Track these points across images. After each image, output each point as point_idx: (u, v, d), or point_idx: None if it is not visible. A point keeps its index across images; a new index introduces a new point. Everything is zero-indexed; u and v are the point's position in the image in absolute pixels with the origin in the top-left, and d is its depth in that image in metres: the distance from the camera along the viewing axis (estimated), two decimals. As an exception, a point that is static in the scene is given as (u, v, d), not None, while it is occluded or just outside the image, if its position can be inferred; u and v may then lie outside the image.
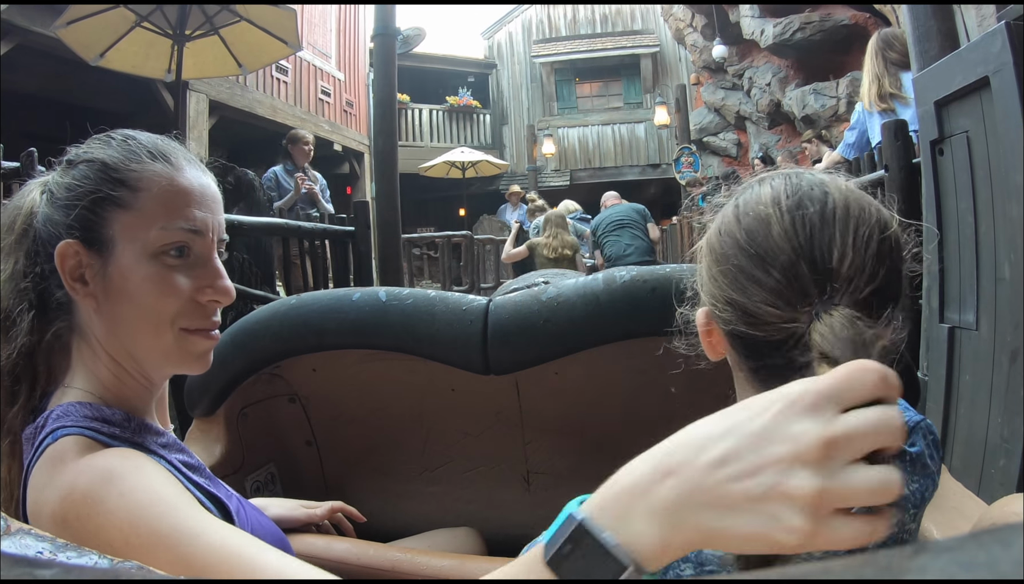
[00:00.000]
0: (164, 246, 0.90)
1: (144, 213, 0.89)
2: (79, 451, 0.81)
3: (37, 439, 0.85)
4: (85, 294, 0.90)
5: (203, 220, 0.93)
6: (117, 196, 0.89)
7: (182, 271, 0.92)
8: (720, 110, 13.68)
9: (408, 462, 1.79)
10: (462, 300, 1.48)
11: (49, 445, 0.82)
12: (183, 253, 0.92)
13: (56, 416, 0.86)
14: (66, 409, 0.87)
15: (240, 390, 1.57)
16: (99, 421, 0.87)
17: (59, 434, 0.83)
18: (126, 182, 0.90)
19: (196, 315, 0.93)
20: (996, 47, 1.83)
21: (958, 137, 2.09)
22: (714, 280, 0.79)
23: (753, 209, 0.77)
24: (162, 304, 0.90)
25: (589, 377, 1.55)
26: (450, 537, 1.56)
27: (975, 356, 2.02)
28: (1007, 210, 1.84)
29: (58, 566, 0.24)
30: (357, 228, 5.10)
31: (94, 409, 0.88)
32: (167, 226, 0.90)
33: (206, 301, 0.94)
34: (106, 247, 0.89)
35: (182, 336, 0.93)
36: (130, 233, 0.89)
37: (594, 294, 1.38)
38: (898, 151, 2.87)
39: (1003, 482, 1.82)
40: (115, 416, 0.90)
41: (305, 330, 1.49)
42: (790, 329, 0.72)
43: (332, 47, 13.79)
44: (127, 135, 0.97)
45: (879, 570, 0.18)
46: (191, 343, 0.94)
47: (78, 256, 0.89)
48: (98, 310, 0.91)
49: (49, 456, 0.82)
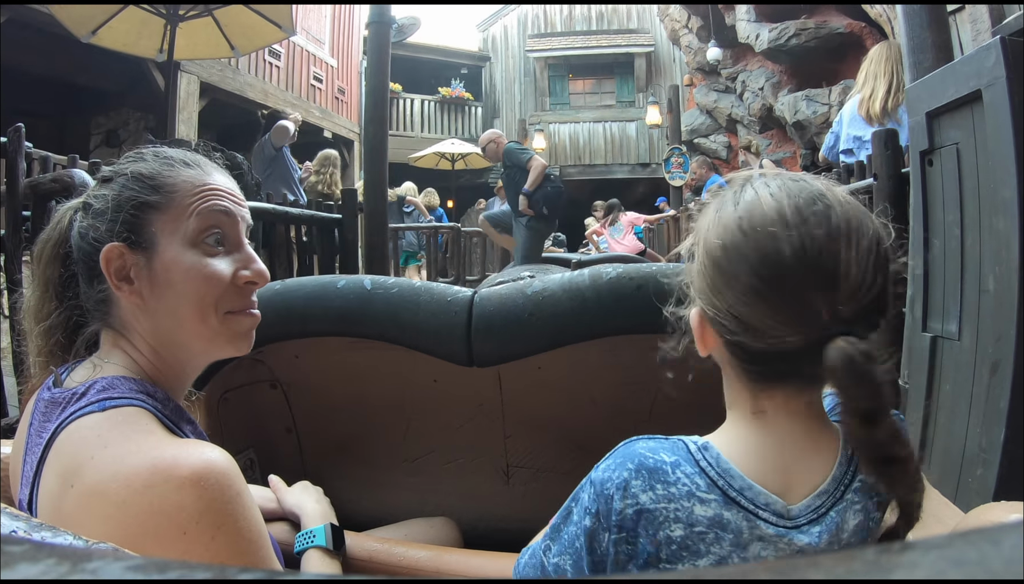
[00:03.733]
0: (201, 232, 0.96)
1: (180, 208, 0.96)
2: (157, 431, 0.85)
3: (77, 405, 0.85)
4: (130, 292, 0.94)
5: (232, 206, 1.02)
6: (155, 200, 0.96)
7: (220, 257, 0.98)
8: (712, 112, 13.70)
9: (388, 452, 1.79)
10: (447, 291, 1.47)
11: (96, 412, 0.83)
12: (219, 241, 0.98)
13: (103, 386, 0.87)
14: (112, 381, 0.88)
15: (221, 375, 1.56)
16: (148, 396, 0.89)
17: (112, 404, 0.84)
18: (162, 187, 0.96)
19: (236, 297, 1.00)
20: (990, 61, 1.84)
21: (948, 149, 2.10)
22: (717, 292, 0.79)
23: (760, 224, 0.77)
24: (206, 289, 0.95)
25: (572, 372, 1.55)
26: (427, 527, 1.56)
27: (956, 366, 2.03)
28: (993, 223, 1.86)
29: (31, 544, 0.24)
30: (344, 216, 5.08)
31: (140, 384, 0.91)
32: (200, 211, 0.96)
33: (243, 283, 1.00)
34: (149, 245, 0.95)
35: (227, 319, 0.98)
36: (170, 228, 0.95)
37: (579, 290, 1.38)
38: (887, 160, 2.88)
39: (980, 491, 1.84)
40: (157, 394, 0.93)
41: (289, 316, 1.49)
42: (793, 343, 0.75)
43: (326, 33, 13.74)
44: (158, 150, 1.03)
45: (868, 566, 0.18)
46: (235, 323, 1.00)
47: (123, 257, 0.93)
48: (143, 306, 0.95)
49: (112, 420, 0.82)
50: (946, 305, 2.10)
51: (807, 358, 0.74)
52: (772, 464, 0.83)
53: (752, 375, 0.83)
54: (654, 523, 0.79)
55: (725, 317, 0.79)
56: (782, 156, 11.42)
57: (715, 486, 0.80)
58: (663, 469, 0.81)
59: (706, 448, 0.83)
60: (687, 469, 0.81)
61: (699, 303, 0.83)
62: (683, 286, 0.89)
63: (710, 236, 0.82)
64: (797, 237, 0.74)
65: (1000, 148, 1.82)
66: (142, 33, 6.32)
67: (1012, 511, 0.82)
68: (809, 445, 0.84)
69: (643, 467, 0.81)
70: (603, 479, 0.83)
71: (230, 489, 0.78)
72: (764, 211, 0.78)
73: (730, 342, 0.81)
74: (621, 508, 0.80)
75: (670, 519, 0.79)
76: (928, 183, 2.23)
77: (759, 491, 0.80)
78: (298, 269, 4.76)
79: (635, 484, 0.80)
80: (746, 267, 0.77)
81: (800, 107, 9.87)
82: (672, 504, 0.79)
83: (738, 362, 0.83)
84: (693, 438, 0.85)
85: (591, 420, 1.63)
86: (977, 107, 1.93)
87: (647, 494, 0.79)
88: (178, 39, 6.05)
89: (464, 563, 1.24)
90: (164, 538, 0.74)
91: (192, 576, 0.21)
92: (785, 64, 10.67)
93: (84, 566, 0.21)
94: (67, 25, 5.97)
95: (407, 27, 14.32)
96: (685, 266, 0.88)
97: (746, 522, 0.79)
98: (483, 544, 1.41)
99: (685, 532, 0.78)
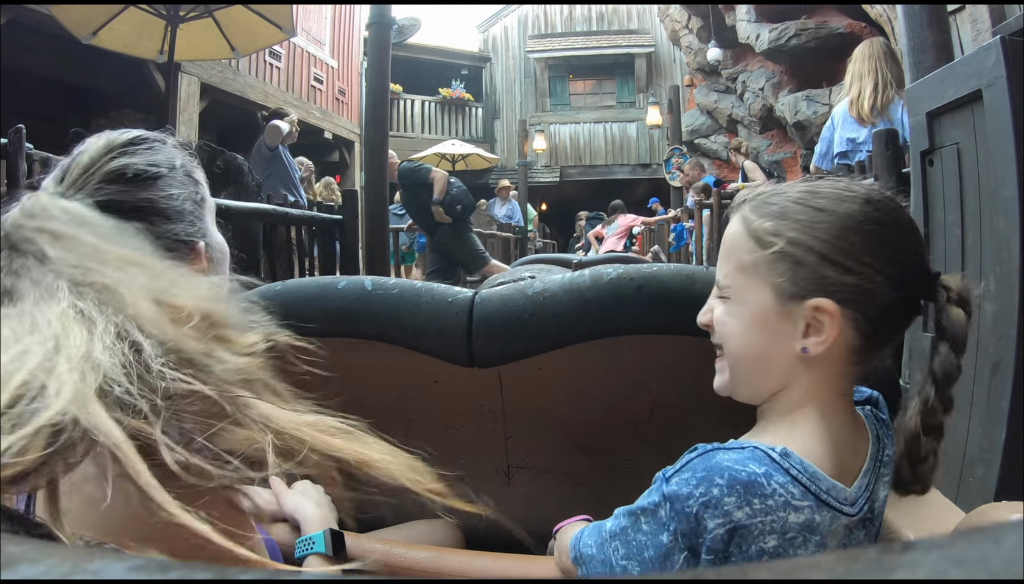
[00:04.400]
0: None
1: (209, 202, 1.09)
2: None
3: None
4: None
5: None
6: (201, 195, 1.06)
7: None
8: (712, 113, 13.71)
9: (389, 452, 1.78)
10: (448, 292, 1.47)
11: None
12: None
13: None
14: None
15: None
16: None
17: None
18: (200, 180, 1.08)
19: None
20: (990, 61, 1.84)
21: (948, 149, 2.10)
22: (863, 261, 0.83)
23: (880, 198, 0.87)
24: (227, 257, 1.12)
25: (573, 373, 1.55)
26: (428, 528, 1.56)
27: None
28: (994, 223, 1.86)
29: (32, 544, 0.24)
30: (345, 217, 5.09)
31: None
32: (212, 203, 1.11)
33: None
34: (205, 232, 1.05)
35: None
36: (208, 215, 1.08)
37: (580, 290, 1.38)
38: (888, 160, 2.88)
39: (981, 492, 1.84)
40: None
41: (288, 317, 1.48)
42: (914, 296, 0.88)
43: (326, 34, 13.74)
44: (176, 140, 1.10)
45: (869, 565, 0.18)
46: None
47: (197, 250, 1.03)
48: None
49: None
50: (947, 305, 2.10)
51: (911, 313, 0.89)
52: (839, 453, 0.85)
53: (861, 352, 0.87)
54: (748, 538, 0.77)
55: (868, 291, 0.83)
56: (783, 156, 11.44)
57: (808, 492, 0.79)
58: (758, 482, 0.78)
59: (787, 454, 0.81)
60: (780, 478, 0.79)
61: (826, 292, 0.83)
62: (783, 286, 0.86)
63: (831, 222, 0.84)
64: (899, 206, 0.87)
65: (1000, 148, 1.82)
66: (142, 34, 6.32)
67: (1013, 511, 0.82)
68: (853, 427, 0.90)
69: (736, 482, 0.78)
70: (683, 495, 0.79)
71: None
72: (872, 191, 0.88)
73: (863, 319, 0.84)
74: (711, 528, 0.77)
75: (765, 532, 0.77)
76: (928, 183, 2.23)
77: (840, 488, 0.82)
78: (298, 270, 4.76)
79: (729, 501, 0.77)
80: (883, 235, 0.83)
81: (800, 107, 9.89)
82: (768, 517, 0.77)
83: (860, 341, 0.86)
84: (764, 444, 0.83)
85: (592, 421, 1.62)
86: (977, 107, 1.93)
87: (743, 510, 0.77)
88: (178, 40, 6.06)
89: (466, 564, 1.24)
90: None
91: (193, 576, 0.21)
92: (785, 64, 10.68)
93: (85, 566, 0.21)
94: (67, 26, 5.97)
95: (407, 28, 14.33)
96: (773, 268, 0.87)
97: (831, 520, 0.81)
98: (484, 545, 1.41)
99: (778, 542, 0.77)
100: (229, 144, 4.84)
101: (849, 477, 0.85)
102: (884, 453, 0.91)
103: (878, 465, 0.90)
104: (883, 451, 0.91)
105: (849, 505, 0.82)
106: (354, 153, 14.23)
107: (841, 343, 0.85)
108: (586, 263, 3.64)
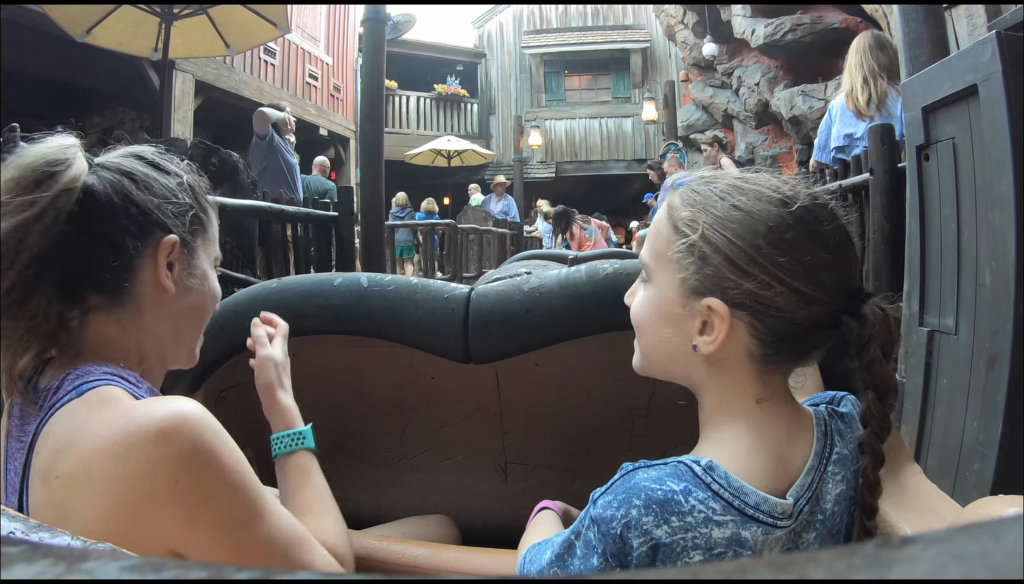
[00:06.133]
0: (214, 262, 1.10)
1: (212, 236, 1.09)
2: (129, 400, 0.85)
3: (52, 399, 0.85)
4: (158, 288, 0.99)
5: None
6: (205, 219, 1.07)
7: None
8: (708, 108, 13.71)
9: (386, 450, 1.79)
10: (444, 288, 1.47)
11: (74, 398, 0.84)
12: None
13: (76, 376, 0.87)
14: (85, 370, 0.88)
15: (219, 373, 1.56)
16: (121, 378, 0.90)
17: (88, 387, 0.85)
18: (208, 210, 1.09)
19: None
20: (986, 56, 1.84)
21: (944, 143, 2.10)
22: (765, 268, 0.80)
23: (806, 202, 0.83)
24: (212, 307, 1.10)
25: (569, 369, 1.55)
26: (424, 525, 1.56)
27: (953, 360, 2.04)
28: (990, 217, 1.86)
29: (28, 544, 0.24)
30: (340, 214, 5.08)
31: (112, 369, 0.91)
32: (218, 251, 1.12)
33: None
34: (193, 252, 1.04)
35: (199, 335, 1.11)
36: (206, 247, 1.07)
37: (576, 286, 1.38)
38: (884, 155, 2.89)
39: (977, 485, 1.84)
40: (131, 377, 0.93)
41: (285, 314, 1.48)
42: (820, 314, 0.82)
43: (321, 31, 13.72)
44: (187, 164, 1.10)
45: (867, 560, 0.18)
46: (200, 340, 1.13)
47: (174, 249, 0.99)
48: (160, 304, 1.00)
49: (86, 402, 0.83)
50: (943, 299, 2.11)
51: (824, 330, 0.83)
52: (773, 456, 0.84)
53: (766, 361, 0.84)
54: (672, 555, 0.77)
55: (765, 300, 0.80)
56: (778, 151, 11.45)
57: (731, 507, 0.79)
58: (675, 499, 0.77)
59: (712, 468, 0.80)
60: (699, 494, 0.78)
61: (722, 294, 0.82)
62: (689, 281, 0.85)
63: (742, 222, 0.82)
64: (833, 216, 0.83)
65: (996, 143, 1.82)
66: (137, 32, 6.31)
67: (1010, 505, 0.82)
68: (794, 424, 0.89)
69: (652, 501, 0.77)
70: (607, 517, 0.79)
71: (207, 428, 0.81)
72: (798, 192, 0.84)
73: (761, 328, 0.82)
74: (635, 546, 0.77)
75: (688, 548, 0.77)
76: (924, 178, 2.23)
77: (774, 503, 0.81)
78: (295, 267, 4.75)
79: (647, 521, 0.77)
80: (794, 245, 0.80)
81: (796, 102, 9.89)
82: (690, 533, 0.77)
83: (759, 349, 0.83)
84: (692, 457, 0.82)
85: (589, 416, 1.63)
86: (973, 102, 1.93)
87: (661, 529, 0.77)
88: (173, 38, 6.05)
89: (463, 560, 1.24)
90: (159, 494, 0.77)
91: (188, 576, 0.21)
92: (781, 59, 10.68)
93: (80, 566, 0.21)
94: (62, 24, 5.95)
95: (402, 24, 14.30)
96: (682, 260, 0.85)
97: (763, 534, 0.80)
98: (481, 541, 1.41)
99: (704, 557, 0.77)
100: (224, 141, 4.83)
101: (787, 480, 0.84)
102: (834, 451, 0.89)
103: (823, 462, 0.88)
104: (831, 449, 0.89)
105: (784, 517, 0.81)
106: (349, 150, 14.22)
107: (739, 348, 0.84)
108: (582, 259, 3.64)
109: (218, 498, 0.81)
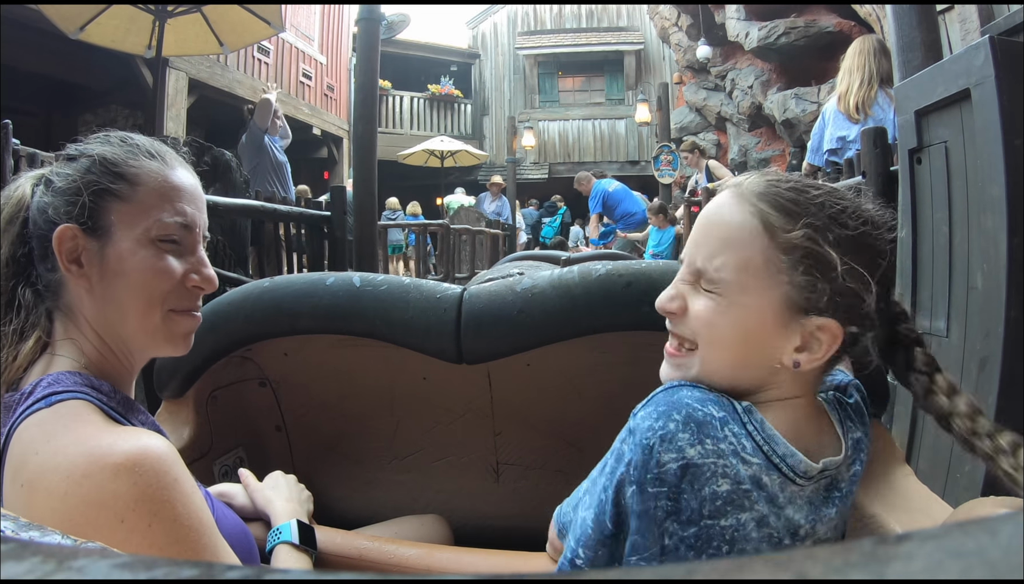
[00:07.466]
0: (159, 236, 0.98)
1: (142, 205, 0.97)
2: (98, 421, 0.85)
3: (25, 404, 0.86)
4: (79, 275, 0.95)
5: (192, 216, 1.02)
6: (117, 189, 0.97)
7: (174, 255, 0.99)
8: (701, 110, 13.72)
9: (378, 450, 1.79)
10: (436, 288, 1.47)
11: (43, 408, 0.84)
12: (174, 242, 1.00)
13: (48, 383, 0.88)
14: (57, 377, 0.89)
15: (210, 372, 1.55)
16: (92, 389, 0.90)
17: (57, 399, 0.85)
18: (125, 176, 0.98)
19: (183, 297, 1.01)
20: (979, 60, 1.85)
21: (936, 147, 2.11)
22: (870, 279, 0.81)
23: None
24: (156, 283, 0.97)
25: (561, 369, 1.55)
26: (417, 525, 1.56)
27: (945, 363, 2.03)
28: (982, 221, 1.86)
29: (17, 542, 0.24)
30: (333, 213, 5.07)
31: (84, 378, 0.92)
32: (162, 219, 0.98)
33: (191, 286, 1.02)
34: (105, 233, 0.96)
35: (169, 316, 1.00)
36: (128, 221, 0.97)
37: (568, 287, 1.38)
38: (876, 158, 2.89)
39: (968, 487, 1.85)
40: (103, 387, 0.94)
41: (277, 314, 1.48)
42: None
43: (315, 30, 13.70)
44: (125, 136, 1.05)
45: (865, 556, 0.18)
46: (176, 323, 1.01)
47: (75, 239, 0.94)
48: (91, 291, 0.96)
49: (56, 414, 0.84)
50: (935, 302, 2.11)
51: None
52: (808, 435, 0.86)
53: (833, 363, 0.88)
54: (701, 478, 0.76)
55: (874, 317, 0.84)
56: (771, 154, 11.46)
57: (760, 450, 0.79)
58: (712, 423, 0.77)
59: (750, 410, 0.81)
60: (734, 428, 0.78)
61: (834, 313, 0.81)
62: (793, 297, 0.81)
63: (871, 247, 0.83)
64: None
65: (988, 146, 1.83)
66: (131, 29, 6.29)
67: (1001, 506, 0.82)
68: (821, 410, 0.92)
69: (691, 419, 0.77)
70: (644, 427, 0.78)
71: (166, 475, 0.80)
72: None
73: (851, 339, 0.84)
74: (664, 461, 0.76)
75: (717, 474, 0.76)
76: (916, 181, 2.23)
77: (799, 459, 0.81)
78: (287, 266, 4.74)
79: (682, 437, 0.76)
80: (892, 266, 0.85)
81: (789, 105, 9.91)
82: (721, 460, 0.76)
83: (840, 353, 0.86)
84: (736, 399, 0.83)
85: (580, 417, 1.63)
86: (966, 106, 1.94)
87: (695, 448, 0.76)
88: (167, 35, 6.02)
89: (454, 560, 1.24)
90: (103, 527, 0.75)
91: (178, 575, 0.21)
92: (774, 62, 10.71)
93: (70, 564, 0.21)
94: (55, 21, 5.93)
95: (397, 24, 14.29)
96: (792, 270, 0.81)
97: (781, 484, 0.80)
98: (473, 541, 1.41)
99: (731, 487, 0.76)
100: (217, 140, 4.81)
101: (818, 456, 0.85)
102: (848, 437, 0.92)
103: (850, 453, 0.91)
104: (848, 435, 0.92)
105: (804, 477, 0.82)
106: (343, 149, 14.20)
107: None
108: (575, 260, 3.65)
109: (162, 548, 0.79)
